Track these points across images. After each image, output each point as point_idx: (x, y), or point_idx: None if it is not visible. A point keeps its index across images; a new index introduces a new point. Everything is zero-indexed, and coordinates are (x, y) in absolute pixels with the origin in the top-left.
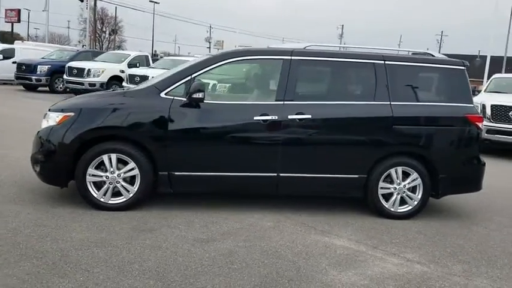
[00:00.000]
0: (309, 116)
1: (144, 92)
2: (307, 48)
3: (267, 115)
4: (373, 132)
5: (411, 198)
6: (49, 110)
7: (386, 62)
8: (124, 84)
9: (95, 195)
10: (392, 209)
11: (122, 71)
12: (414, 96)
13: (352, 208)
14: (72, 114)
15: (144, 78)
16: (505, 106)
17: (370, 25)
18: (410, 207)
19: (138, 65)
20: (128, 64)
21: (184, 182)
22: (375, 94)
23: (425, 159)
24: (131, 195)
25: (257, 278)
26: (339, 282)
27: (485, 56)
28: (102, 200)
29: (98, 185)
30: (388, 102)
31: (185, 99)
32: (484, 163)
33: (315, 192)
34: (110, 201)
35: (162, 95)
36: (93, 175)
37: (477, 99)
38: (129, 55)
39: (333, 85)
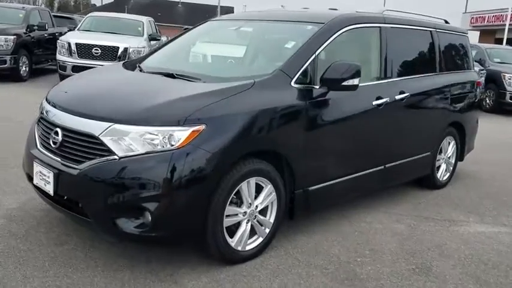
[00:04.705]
0: (408, 94)
1: (274, 82)
2: (385, 13)
3: (381, 98)
4: (442, 105)
5: (449, 165)
6: (114, 121)
7: (437, 30)
8: None
9: (232, 244)
10: (440, 179)
11: None
12: (453, 65)
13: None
14: (203, 127)
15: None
16: (88, 44)
17: None
18: (448, 174)
19: None
20: None
21: (321, 196)
22: (437, 64)
23: (460, 125)
24: (267, 230)
25: None
26: None
27: (187, 3)
28: (239, 248)
29: (229, 228)
30: (445, 72)
31: (317, 87)
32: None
33: (405, 179)
34: (247, 248)
35: (293, 83)
36: (229, 215)
37: (64, 38)
38: None
39: (414, 57)
